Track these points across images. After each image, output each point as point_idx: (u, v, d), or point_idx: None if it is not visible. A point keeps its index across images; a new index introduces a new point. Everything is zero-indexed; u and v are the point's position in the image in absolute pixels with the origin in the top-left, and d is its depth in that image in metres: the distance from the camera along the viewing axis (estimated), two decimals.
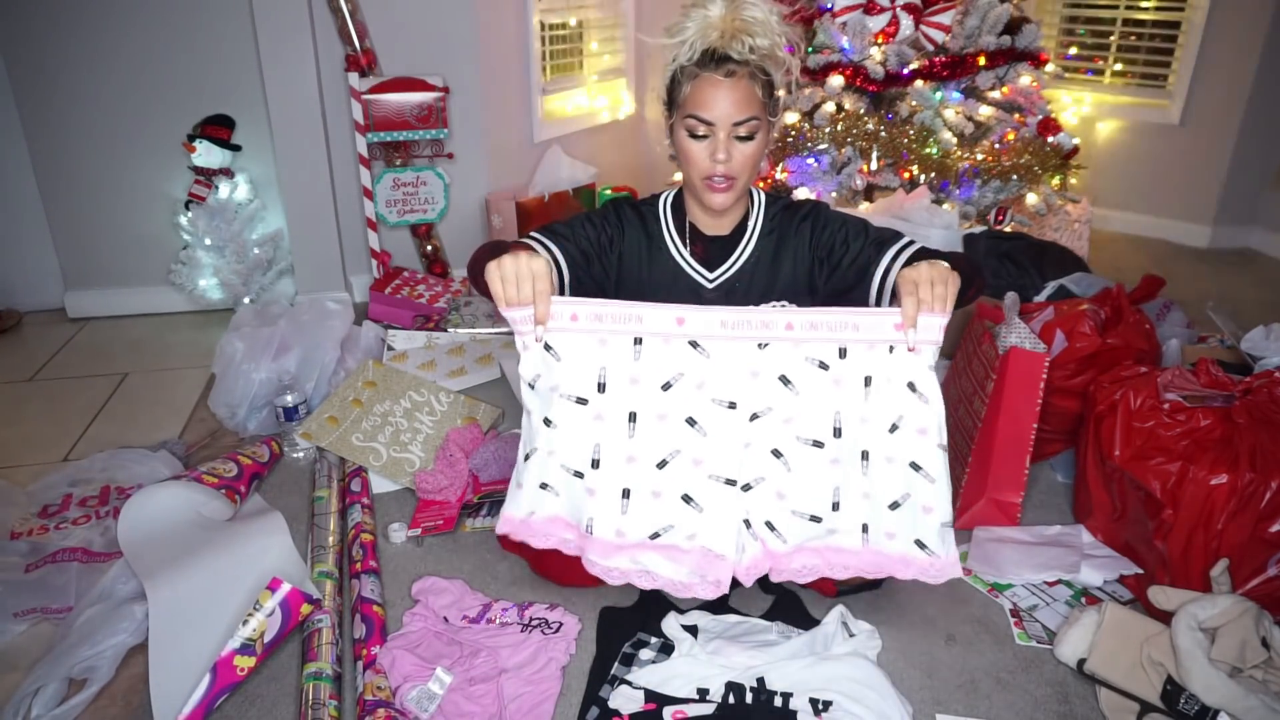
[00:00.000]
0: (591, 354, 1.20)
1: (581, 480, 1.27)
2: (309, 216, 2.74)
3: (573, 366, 1.21)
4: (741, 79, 1.27)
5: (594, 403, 1.22)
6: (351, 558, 1.55)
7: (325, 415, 1.89)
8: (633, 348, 1.20)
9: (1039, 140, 2.73)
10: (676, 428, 1.23)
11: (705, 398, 1.22)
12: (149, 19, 2.52)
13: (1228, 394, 1.47)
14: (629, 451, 1.25)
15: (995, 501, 1.67)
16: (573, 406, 1.23)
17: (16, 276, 2.80)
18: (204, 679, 1.21)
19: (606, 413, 1.23)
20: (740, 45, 1.25)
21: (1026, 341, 1.62)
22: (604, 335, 1.20)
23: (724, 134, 1.28)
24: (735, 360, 1.21)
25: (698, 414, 1.23)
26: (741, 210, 1.45)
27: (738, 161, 1.30)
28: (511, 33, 2.91)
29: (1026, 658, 1.35)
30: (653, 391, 1.22)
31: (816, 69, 2.76)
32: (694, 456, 1.25)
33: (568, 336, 1.20)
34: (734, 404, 1.21)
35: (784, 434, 1.24)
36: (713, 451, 1.24)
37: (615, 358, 1.21)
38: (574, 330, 1.20)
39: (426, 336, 2.44)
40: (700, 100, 1.28)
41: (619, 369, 1.21)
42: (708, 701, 1.22)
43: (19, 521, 1.67)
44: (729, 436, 1.23)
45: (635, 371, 1.21)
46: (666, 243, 1.45)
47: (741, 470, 1.25)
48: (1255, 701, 1.13)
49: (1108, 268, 3.12)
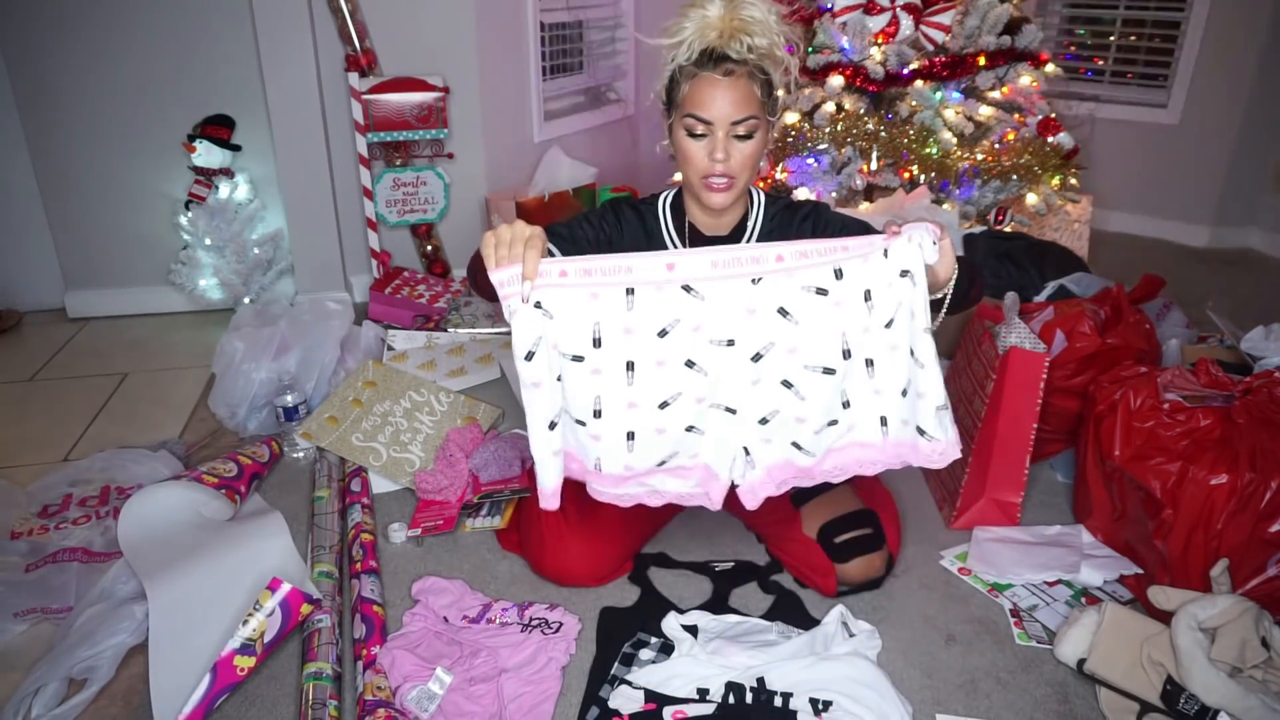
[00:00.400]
0: (584, 309, 1.18)
1: (584, 428, 1.26)
2: (309, 216, 2.74)
3: (566, 323, 1.19)
4: (740, 78, 1.27)
5: (590, 358, 1.21)
6: (351, 558, 1.55)
7: (325, 415, 1.89)
8: (625, 298, 1.18)
9: (1039, 140, 2.73)
10: (676, 371, 1.22)
11: (703, 339, 1.20)
12: (149, 19, 2.52)
13: (1228, 394, 1.47)
14: (630, 398, 1.23)
15: (995, 501, 1.67)
16: (569, 364, 1.21)
17: (16, 276, 2.80)
18: (204, 679, 1.21)
19: (604, 366, 1.21)
20: (739, 45, 1.25)
21: (1026, 341, 1.62)
22: (595, 289, 1.18)
23: (722, 133, 1.28)
24: (730, 299, 1.19)
25: (697, 356, 1.21)
26: (741, 210, 1.45)
27: (736, 161, 1.30)
28: (511, 33, 2.91)
29: (1026, 658, 1.35)
30: (649, 339, 1.20)
31: (816, 69, 2.75)
32: (696, 395, 1.24)
33: (558, 293, 1.17)
34: (732, 341, 1.20)
35: (792, 365, 1.23)
36: (715, 388, 1.24)
37: (608, 310, 1.19)
38: (564, 286, 1.17)
39: (426, 336, 2.44)
40: (698, 100, 1.28)
41: (613, 321, 1.19)
42: (708, 701, 1.22)
43: (19, 521, 1.67)
44: (730, 373, 1.22)
45: (629, 322, 1.19)
46: (665, 243, 1.45)
47: (751, 404, 1.25)
48: (1255, 701, 1.13)
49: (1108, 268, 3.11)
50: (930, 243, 1.18)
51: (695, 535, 1.65)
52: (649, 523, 1.62)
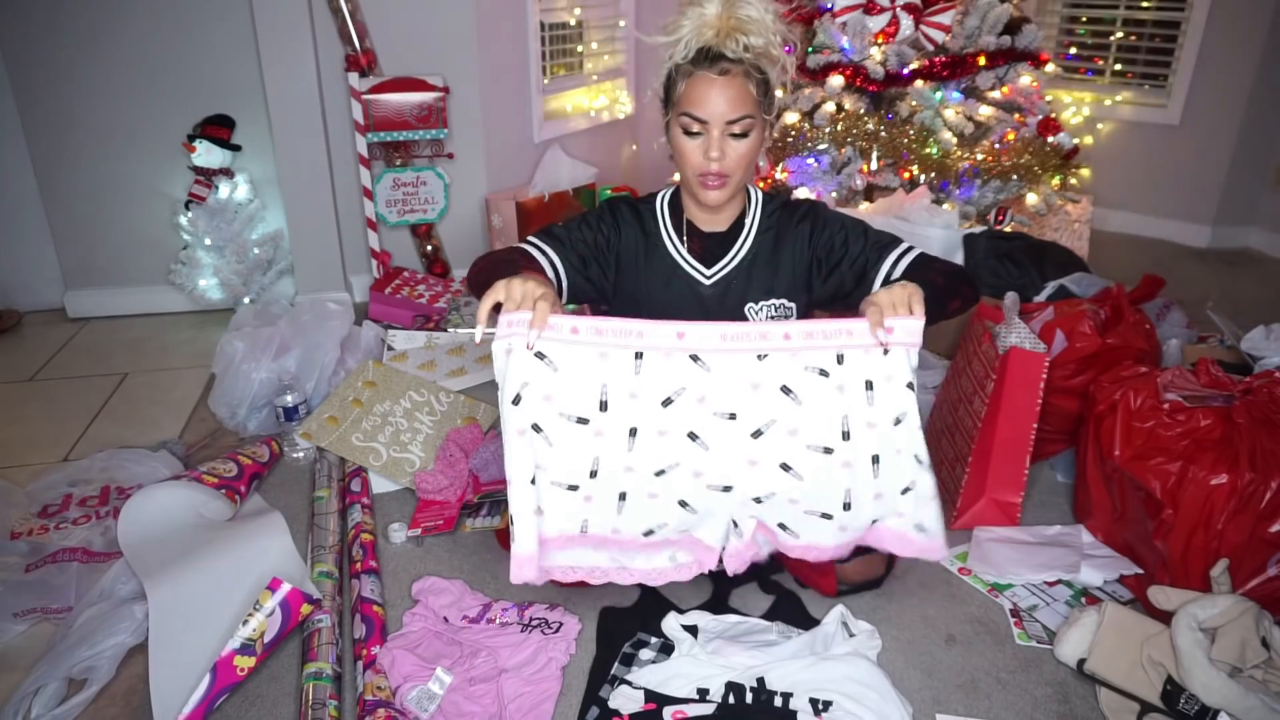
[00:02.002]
0: (592, 368, 1.19)
1: (576, 491, 1.26)
2: (309, 216, 2.74)
3: (573, 381, 1.19)
4: (736, 77, 1.27)
5: (595, 421, 1.21)
6: (351, 558, 1.55)
7: (325, 415, 1.89)
8: (633, 362, 1.19)
9: (1039, 140, 2.73)
10: (678, 442, 1.23)
11: (707, 411, 1.22)
12: (149, 19, 2.52)
13: (1228, 394, 1.47)
14: (627, 463, 1.25)
15: (995, 501, 1.67)
16: (572, 426, 1.21)
17: (16, 276, 2.80)
18: (204, 679, 1.21)
19: (607, 430, 1.22)
20: (735, 44, 1.26)
21: (1026, 341, 1.62)
22: (604, 349, 1.19)
23: (717, 131, 1.29)
24: (735, 373, 1.21)
25: (699, 428, 1.22)
26: (739, 207, 1.45)
27: (731, 159, 1.31)
28: (511, 33, 2.91)
29: (1026, 658, 1.35)
30: (653, 407, 1.21)
31: (816, 69, 2.75)
32: (694, 469, 1.25)
33: (567, 349, 1.18)
34: (734, 415, 1.21)
35: (791, 446, 1.24)
36: (714, 464, 1.25)
37: (616, 373, 1.20)
38: (574, 343, 1.18)
39: (426, 336, 2.44)
40: (694, 98, 1.28)
41: (620, 384, 1.20)
42: (708, 701, 1.22)
43: (19, 521, 1.67)
44: (730, 449, 1.23)
45: (635, 386, 1.20)
46: (664, 240, 1.46)
47: (748, 484, 1.26)
48: (1255, 701, 1.13)
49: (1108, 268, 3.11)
50: (916, 331, 1.19)
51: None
52: None
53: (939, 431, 1.84)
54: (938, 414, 1.89)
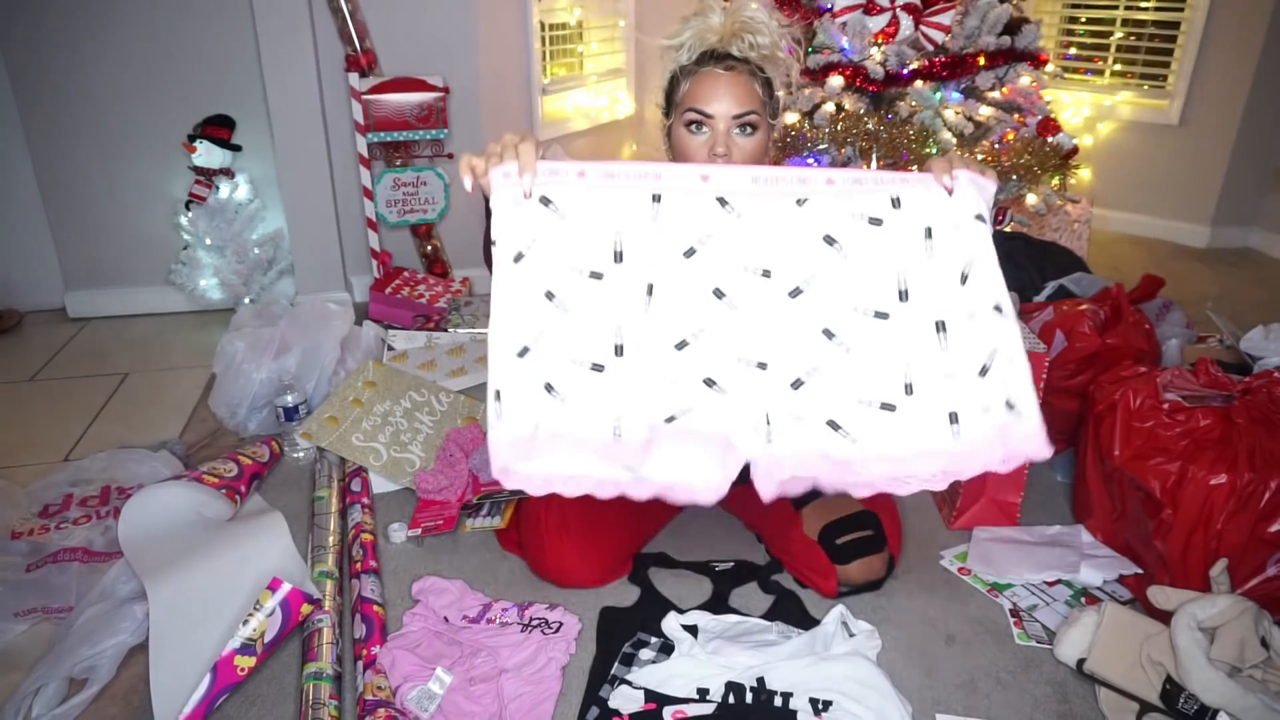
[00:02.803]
0: (604, 211, 1.00)
1: (601, 373, 1.02)
2: (309, 216, 2.74)
3: (582, 229, 1.00)
4: (741, 74, 1.27)
5: (610, 275, 1.01)
6: (351, 558, 1.55)
7: (325, 415, 1.89)
8: (650, 206, 1.01)
9: (1039, 140, 2.73)
10: (702, 301, 1.02)
11: (735, 265, 1.02)
12: (149, 19, 2.52)
13: (1227, 394, 1.47)
14: (645, 329, 1.03)
15: (995, 501, 1.67)
16: (586, 282, 1.01)
17: (16, 276, 2.80)
18: (204, 679, 1.22)
19: (625, 286, 1.02)
20: (741, 43, 1.27)
21: (1026, 341, 1.62)
22: (617, 190, 1.01)
23: (724, 127, 1.27)
24: (770, 219, 1.01)
25: (726, 285, 1.02)
26: None
27: (738, 155, 1.28)
28: (511, 33, 2.91)
29: (1026, 658, 1.35)
30: (673, 258, 1.01)
31: (816, 69, 2.75)
32: (721, 336, 1.03)
33: (575, 192, 1.00)
34: (768, 272, 1.01)
35: (836, 308, 1.02)
36: (744, 329, 1.03)
37: (631, 218, 1.01)
38: (583, 186, 1.01)
39: (426, 336, 2.44)
40: (699, 94, 1.27)
41: (635, 231, 1.01)
42: (708, 701, 1.22)
43: (19, 521, 1.67)
44: (763, 311, 1.02)
45: (653, 234, 1.01)
46: None
47: (785, 357, 1.03)
48: (1254, 701, 1.13)
49: (1108, 268, 3.12)
50: (989, 189, 1.04)
51: (695, 535, 1.65)
52: (649, 523, 1.62)
53: None
54: None
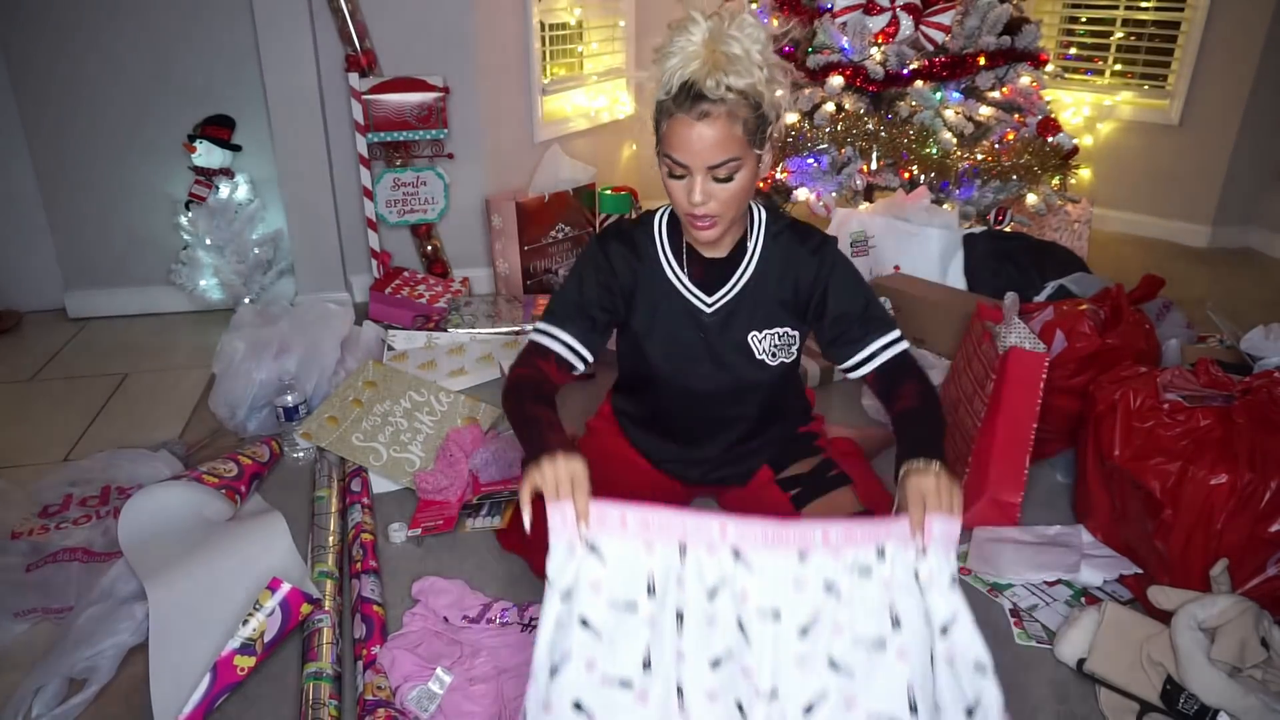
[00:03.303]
0: (639, 558, 1.13)
1: (630, 689, 1.12)
2: (309, 216, 2.74)
3: (620, 571, 1.13)
4: (718, 119, 1.18)
5: (643, 605, 1.13)
6: (351, 558, 1.55)
7: (325, 415, 1.89)
8: (678, 555, 1.13)
9: (1039, 140, 2.73)
10: (728, 630, 1.13)
11: (750, 608, 1.14)
12: (149, 19, 2.52)
13: (1227, 394, 1.47)
14: (679, 648, 1.13)
15: (995, 501, 1.67)
16: (621, 614, 1.13)
17: (16, 276, 2.80)
18: (204, 679, 1.22)
19: (657, 614, 1.13)
20: (714, 84, 1.16)
21: (1026, 341, 1.62)
22: (650, 540, 1.13)
23: (700, 176, 1.21)
24: (778, 572, 1.13)
25: (745, 622, 1.13)
26: (739, 231, 1.38)
27: (718, 201, 1.23)
28: (511, 33, 2.91)
29: (1026, 658, 1.35)
30: (698, 596, 1.14)
31: (816, 69, 2.75)
32: (743, 665, 1.13)
33: (616, 540, 1.13)
34: (778, 613, 1.13)
35: (839, 642, 1.13)
36: (758, 663, 1.13)
37: (662, 562, 1.13)
38: (622, 536, 1.13)
39: (426, 336, 2.44)
40: (674, 142, 1.21)
41: (666, 573, 1.13)
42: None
43: (19, 521, 1.67)
44: (775, 649, 1.13)
45: (681, 575, 1.13)
46: (663, 266, 1.40)
47: (797, 687, 1.13)
48: (1254, 701, 1.13)
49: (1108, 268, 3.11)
50: (954, 534, 1.11)
51: None
52: None
53: None
54: None
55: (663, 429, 1.58)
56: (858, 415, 2.13)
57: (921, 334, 2.15)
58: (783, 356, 1.42)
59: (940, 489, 1.13)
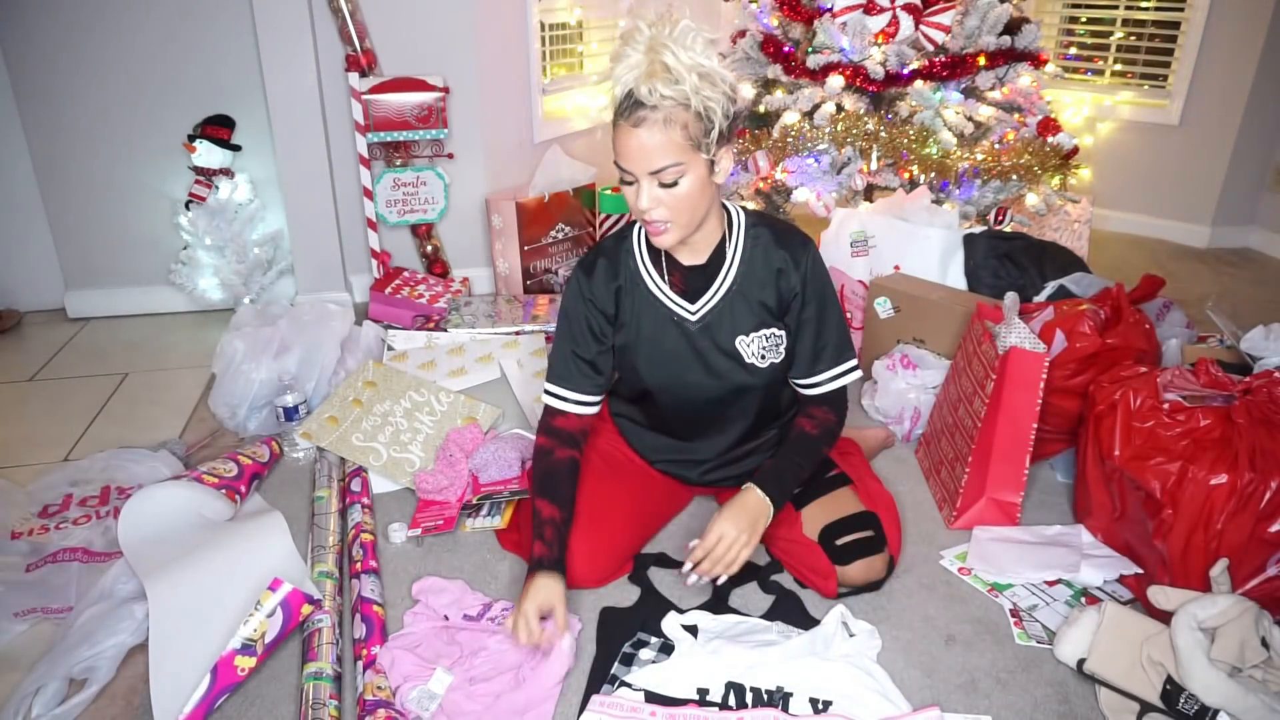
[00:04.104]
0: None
1: None
2: (309, 216, 2.74)
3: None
4: (654, 125, 1.19)
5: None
6: (351, 558, 1.55)
7: (325, 415, 1.89)
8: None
9: (1039, 140, 2.73)
10: None
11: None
12: (149, 19, 2.52)
13: (1227, 394, 1.47)
14: None
15: (995, 501, 1.67)
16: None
17: (16, 276, 2.80)
18: (204, 679, 1.22)
19: None
20: (649, 92, 1.18)
21: (1026, 341, 1.62)
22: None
23: (645, 182, 1.23)
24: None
25: None
26: (716, 235, 1.39)
27: (666, 207, 1.25)
28: (511, 33, 2.91)
29: (1026, 658, 1.35)
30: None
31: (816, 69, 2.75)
32: None
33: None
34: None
35: None
36: None
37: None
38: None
39: (426, 336, 2.44)
40: (619, 149, 1.23)
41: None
42: (708, 702, 1.22)
43: (19, 521, 1.67)
44: None
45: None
46: (644, 278, 1.42)
47: None
48: (1255, 701, 1.13)
49: (1108, 268, 3.12)
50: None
51: (695, 535, 1.65)
52: (649, 524, 1.62)
53: (939, 432, 1.84)
54: (938, 414, 1.90)
55: (659, 433, 1.59)
56: (857, 415, 2.13)
57: (921, 334, 2.15)
58: (772, 357, 1.43)
59: (736, 541, 1.32)
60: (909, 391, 2.02)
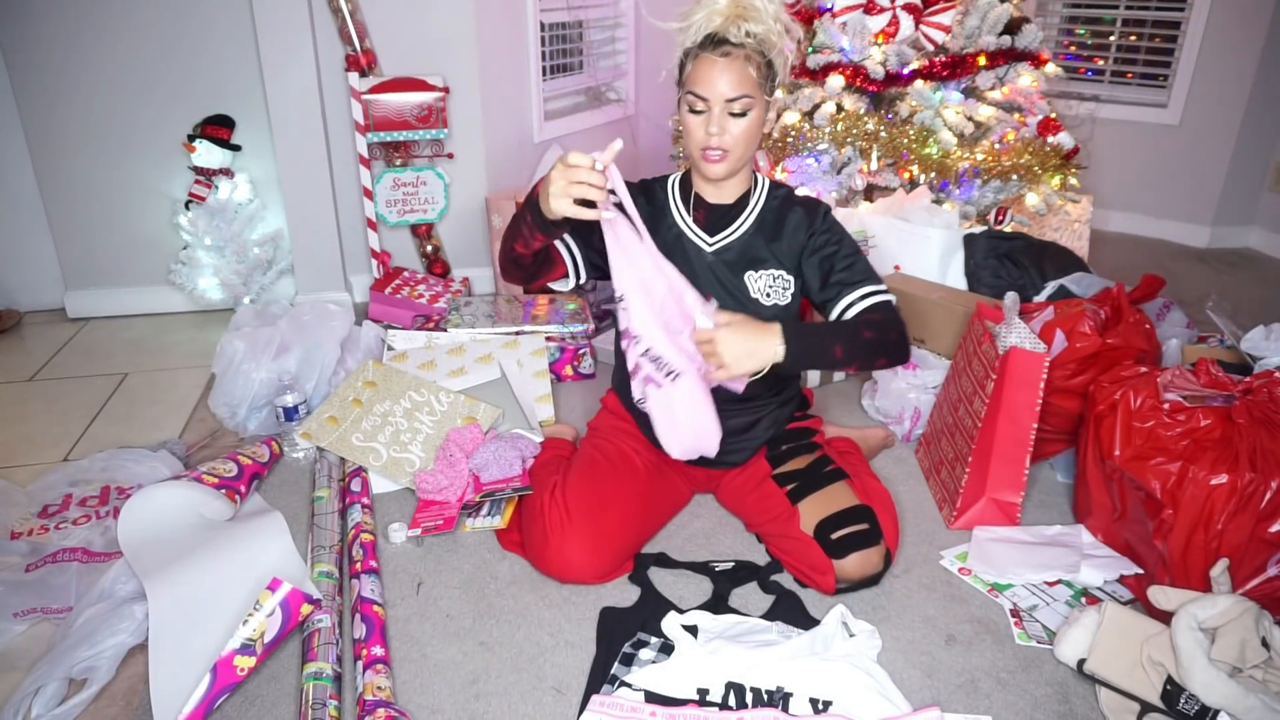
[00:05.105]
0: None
1: None
2: (309, 216, 2.74)
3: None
4: (736, 59, 1.36)
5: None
6: (351, 558, 1.55)
7: (325, 415, 1.89)
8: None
9: (1039, 140, 2.73)
10: None
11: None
12: (149, 19, 2.52)
13: (1228, 394, 1.47)
14: None
15: (995, 501, 1.67)
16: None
17: (16, 276, 2.80)
18: (204, 679, 1.21)
19: None
20: (737, 30, 1.35)
21: (1026, 341, 1.62)
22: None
23: (718, 109, 1.38)
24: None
25: None
26: (745, 185, 1.54)
27: (731, 135, 1.40)
28: (511, 32, 2.91)
29: (1026, 658, 1.35)
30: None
31: (816, 69, 2.75)
32: None
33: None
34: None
35: None
36: None
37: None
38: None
39: (426, 336, 2.44)
40: (698, 78, 1.38)
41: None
42: (708, 703, 1.22)
43: (19, 521, 1.67)
44: None
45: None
46: (671, 209, 1.55)
47: None
48: (1255, 701, 1.13)
49: (1108, 268, 3.12)
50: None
51: (695, 535, 1.65)
52: (650, 522, 1.62)
53: (939, 432, 1.84)
54: (938, 414, 1.90)
55: None
56: (857, 415, 2.13)
57: (922, 334, 2.15)
58: (776, 298, 1.52)
59: (738, 352, 1.33)
60: (909, 391, 2.02)
